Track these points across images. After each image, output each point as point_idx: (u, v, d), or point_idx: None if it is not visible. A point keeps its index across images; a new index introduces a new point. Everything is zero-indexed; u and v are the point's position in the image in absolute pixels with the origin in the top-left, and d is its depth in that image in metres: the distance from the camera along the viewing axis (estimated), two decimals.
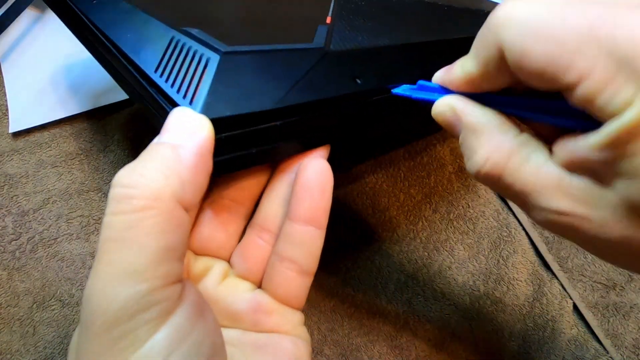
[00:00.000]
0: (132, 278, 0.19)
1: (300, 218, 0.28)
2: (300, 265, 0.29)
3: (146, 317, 0.19)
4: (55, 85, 0.52)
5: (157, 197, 0.20)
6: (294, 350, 0.28)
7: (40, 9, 0.56)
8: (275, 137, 0.27)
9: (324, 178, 0.28)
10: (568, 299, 0.50)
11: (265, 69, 0.28)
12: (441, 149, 0.54)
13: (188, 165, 0.22)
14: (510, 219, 0.52)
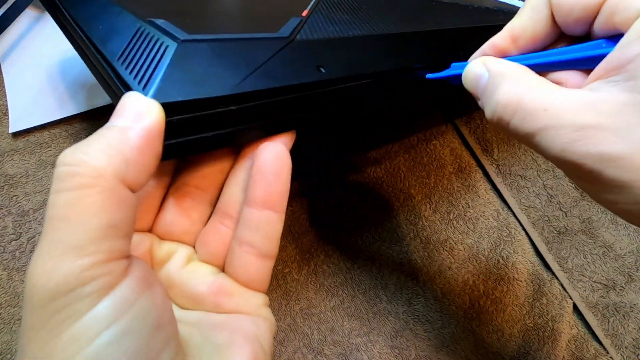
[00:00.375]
0: (73, 253, 0.20)
1: (257, 202, 0.28)
2: (258, 249, 0.29)
3: (86, 291, 0.20)
4: (55, 85, 0.52)
5: (99, 174, 0.20)
6: (253, 329, 0.28)
7: (40, 9, 0.56)
8: (231, 122, 0.27)
9: (280, 161, 0.28)
10: (568, 299, 0.50)
11: (223, 57, 0.28)
12: (441, 149, 0.54)
13: (133, 146, 0.22)
14: (510, 219, 0.52)
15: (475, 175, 0.54)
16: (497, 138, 0.55)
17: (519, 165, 0.54)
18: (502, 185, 0.54)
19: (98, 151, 0.21)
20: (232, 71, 0.27)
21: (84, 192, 0.20)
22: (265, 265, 0.30)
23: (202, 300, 0.29)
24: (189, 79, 0.26)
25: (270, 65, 0.29)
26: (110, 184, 0.21)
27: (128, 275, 0.21)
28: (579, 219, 0.52)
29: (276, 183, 0.28)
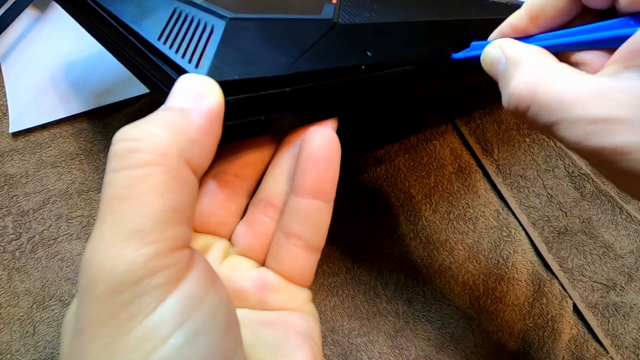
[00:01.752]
0: (138, 239, 0.18)
1: (306, 191, 0.26)
2: (306, 240, 0.28)
3: (153, 283, 0.18)
4: (55, 85, 0.52)
5: (164, 152, 0.19)
6: (304, 325, 0.27)
7: (40, 9, 0.56)
8: (284, 105, 0.26)
9: (331, 148, 0.26)
10: (568, 299, 0.50)
11: (273, 37, 0.27)
12: (441, 149, 0.54)
13: (197, 127, 0.21)
14: (511, 219, 0.52)
15: (475, 175, 0.54)
16: (497, 138, 0.55)
17: (519, 165, 0.54)
18: (502, 185, 0.54)
19: (162, 127, 0.20)
20: (284, 51, 0.26)
21: (148, 171, 0.19)
22: (312, 259, 0.29)
23: (246, 297, 0.27)
24: (242, 58, 0.25)
25: (319, 47, 0.28)
26: (176, 163, 0.19)
27: (193, 268, 0.20)
28: (579, 219, 0.52)
29: (328, 170, 0.26)
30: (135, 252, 0.18)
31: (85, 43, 0.55)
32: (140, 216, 0.18)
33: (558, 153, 0.54)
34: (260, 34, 0.27)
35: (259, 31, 0.27)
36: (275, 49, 0.26)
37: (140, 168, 0.19)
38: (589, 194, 0.52)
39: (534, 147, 0.54)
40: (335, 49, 0.29)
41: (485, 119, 0.56)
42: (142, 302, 0.18)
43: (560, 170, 0.53)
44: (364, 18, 0.33)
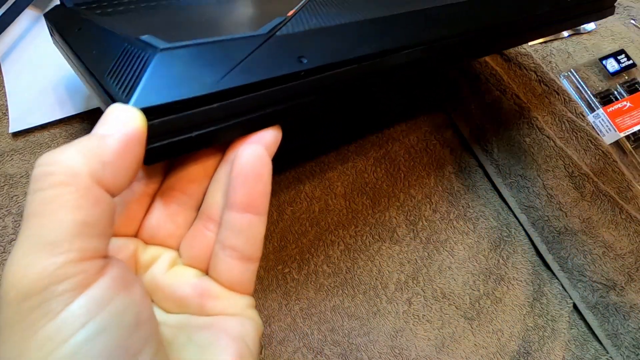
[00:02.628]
0: (48, 250, 0.20)
1: (237, 206, 0.27)
2: (241, 252, 0.28)
3: (60, 289, 0.20)
4: (55, 85, 0.52)
5: (74, 173, 0.21)
6: (239, 329, 0.28)
7: (40, 9, 0.56)
8: (214, 121, 0.27)
9: (260, 163, 0.27)
10: (568, 299, 0.50)
11: (202, 58, 0.28)
12: (441, 149, 0.54)
13: (111, 150, 0.22)
14: (511, 219, 0.52)
15: (476, 175, 0.54)
16: (497, 138, 0.55)
17: (519, 165, 0.54)
18: (502, 185, 0.54)
19: (75, 152, 0.22)
20: (211, 71, 0.27)
21: (59, 190, 0.21)
22: (249, 268, 0.29)
23: (187, 303, 0.28)
24: (169, 83, 0.26)
25: (249, 61, 0.29)
26: (86, 184, 0.21)
27: (104, 274, 0.21)
28: (579, 219, 0.52)
29: (256, 186, 0.27)
30: (44, 261, 0.20)
31: None
32: (50, 230, 0.20)
33: (558, 153, 0.54)
34: (190, 58, 0.28)
35: (189, 56, 0.28)
36: (203, 70, 0.27)
37: (52, 189, 0.21)
38: (589, 194, 0.52)
39: (534, 147, 0.54)
40: (267, 62, 0.29)
41: (485, 119, 0.56)
42: (48, 307, 0.19)
43: (560, 170, 0.53)
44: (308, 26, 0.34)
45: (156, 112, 0.25)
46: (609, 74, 0.60)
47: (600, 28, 0.65)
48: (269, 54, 0.30)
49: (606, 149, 0.55)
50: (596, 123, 0.58)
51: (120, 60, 0.29)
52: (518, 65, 0.58)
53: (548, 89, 0.57)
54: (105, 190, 0.22)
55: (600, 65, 0.61)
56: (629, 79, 0.60)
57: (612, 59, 0.61)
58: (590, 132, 0.55)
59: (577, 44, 0.63)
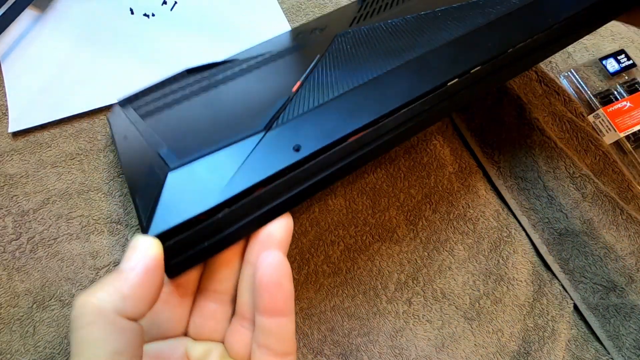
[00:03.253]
0: None
1: (264, 312, 0.29)
2: (275, 350, 0.30)
3: None
4: (55, 85, 0.52)
5: (99, 312, 0.24)
6: None
7: (40, 9, 0.56)
8: (222, 227, 0.29)
9: (279, 271, 0.29)
10: (568, 299, 0.50)
11: (207, 170, 0.30)
12: (441, 149, 0.54)
13: (130, 284, 0.25)
14: (511, 220, 0.52)
15: (476, 175, 0.54)
16: (499, 139, 0.55)
17: (520, 167, 0.54)
18: (503, 187, 0.54)
19: (100, 292, 0.25)
20: (216, 180, 0.29)
21: (89, 329, 0.24)
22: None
23: None
24: (180, 201, 0.28)
25: (249, 162, 0.30)
26: (110, 319, 0.24)
27: None
28: (580, 220, 0.52)
29: (279, 292, 0.29)
30: None
31: (85, 43, 0.55)
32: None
33: (559, 154, 0.53)
34: (197, 173, 0.30)
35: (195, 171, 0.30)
36: (208, 181, 0.30)
37: (84, 328, 0.24)
38: (589, 195, 0.52)
39: (534, 148, 0.54)
40: (265, 159, 0.31)
41: (486, 120, 0.56)
42: None
43: (561, 171, 0.53)
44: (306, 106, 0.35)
45: (171, 233, 0.27)
46: (609, 74, 0.60)
47: (600, 28, 0.65)
48: (267, 150, 0.31)
49: (606, 149, 0.55)
50: (596, 123, 0.58)
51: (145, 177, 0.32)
52: None
53: (548, 89, 0.57)
54: (129, 319, 0.25)
55: (600, 65, 0.61)
56: (629, 79, 0.60)
57: (612, 59, 0.61)
58: (590, 132, 0.55)
59: (577, 44, 0.63)
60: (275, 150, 0.31)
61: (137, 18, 0.58)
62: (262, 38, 0.58)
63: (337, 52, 0.43)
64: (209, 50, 0.58)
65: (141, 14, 0.58)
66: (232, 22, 0.60)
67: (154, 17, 0.58)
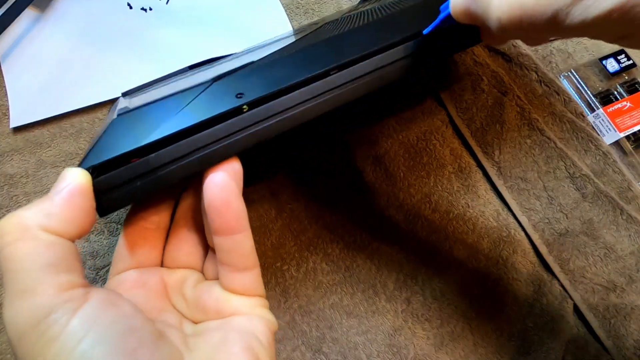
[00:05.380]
0: (25, 295, 0.24)
1: (218, 232, 0.31)
2: (236, 266, 0.32)
3: (54, 318, 0.24)
4: (55, 81, 0.53)
5: (23, 229, 0.25)
6: (248, 324, 0.31)
7: (40, 9, 0.57)
8: (156, 168, 0.30)
9: (226, 191, 0.30)
10: (568, 299, 0.49)
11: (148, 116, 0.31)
12: (441, 149, 0.54)
13: (55, 204, 0.26)
14: (510, 220, 0.52)
15: (475, 175, 0.54)
16: (499, 139, 0.55)
17: (520, 167, 0.54)
18: (503, 187, 0.54)
19: (23, 212, 0.26)
20: (153, 124, 0.30)
21: (16, 245, 0.25)
22: (249, 275, 0.33)
23: (208, 310, 0.33)
24: (114, 143, 0.29)
25: (189, 107, 0.31)
26: (36, 234, 0.25)
27: (89, 299, 0.26)
28: (580, 221, 0.52)
29: (228, 211, 0.30)
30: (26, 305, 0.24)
31: (85, 40, 0.56)
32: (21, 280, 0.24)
33: (559, 154, 0.54)
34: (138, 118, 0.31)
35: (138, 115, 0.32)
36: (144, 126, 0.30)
37: (11, 245, 0.25)
38: (590, 195, 0.52)
39: (535, 148, 0.54)
40: (206, 105, 0.32)
41: (486, 120, 0.56)
42: (51, 332, 0.24)
43: (561, 171, 0.53)
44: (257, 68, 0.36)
45: (102, 169, 0.29)
46: (609, 74, 0.60)
47: None
48: (209, 97, 0.32)
49: (606, 149, 0.54)
50: (596, 123, 0.58)
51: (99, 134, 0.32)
52: (519, 65, 0.58)
53: (548, 89, 0.57)
54: (57, 236, 0.26)
55: (600, 65, 0.61)
56: (629, 79, 0.60)
57: (612, 59, 0.61)
58: (590, 132, 0.55)
59: (577, 44, 0.63)
60: (217, 97, 0.32)
61: (135, 13, 0.59)
62: (262, 33, 0.59)
63: (317, 34, 0.44)
64: (207, 44, 0.58)
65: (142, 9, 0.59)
66: (231, 17, 0.61)
67: (151, 12, 0.59)
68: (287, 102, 0.33)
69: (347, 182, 0.52)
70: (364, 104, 0.55)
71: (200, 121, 0.30)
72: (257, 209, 0.50)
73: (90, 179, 0.28)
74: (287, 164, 0.51)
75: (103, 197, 0.29)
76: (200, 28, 0.59)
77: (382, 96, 0.56)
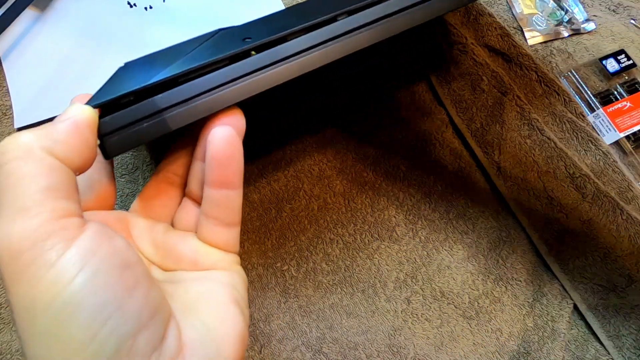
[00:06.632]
0: (21, 215, 0.23)
1: (214, 184, 0.31)
2: (222, 220, 0.32)
3: (49, 244, 0.23)
4: (58, 80, 0.53)
5: (27, 149, 0.25)
6: (229, 279, 0.32)
7: (40, 9, 0.57)
8: (162, 110, 0.29)
9: (231, 145, 0.30)
10: (568, 299, 0.49)
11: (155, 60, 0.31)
12: (441, 149, 0.54)
13: (61, 130, 0.26)
14: (510, 220, 0.52)
15: (475, 175, 0.54)
16: (499, 139, 0.55)
17: (520, 167, 0.54)
18: (502, 187, 0.54)
19: (27, 133, 0.25)
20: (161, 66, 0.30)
21: (18, 163, 0.24)
22: (232, 232, 0.33)
23: (182, 260, 0.32)
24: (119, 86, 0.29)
25: (196, 52, 0.31)
26: (39, 155, 0.25)
27: (85, 230, 0.25)
28: (580, 221, 0.52)
29: (230, 165, 0.30)
30: (21, 224, 0.23)
31: (86, 39, 0.56)
32: (19, 198, 0.24)
33: (559, 155, 0.53)
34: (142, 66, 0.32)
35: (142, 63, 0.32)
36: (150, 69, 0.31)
37: (10, 163, 0.24)
38: (589, 195, 0.52)
39: (535, 148, 0.54)
40: (213, 48, 0.32)
41: (486, 120, 0.56)
42: (44, 258, 0.23)
43: (561, 171, 0.53)
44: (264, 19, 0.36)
45: (105, 108, 0.28)
46: (609, 74, 0.60)
47: (600, 28, 0.65)
48: (217, 42, 0.32)
49: (606, 149, 0.54)
50: (596, 123, 0.58)
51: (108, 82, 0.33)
52: (519, 65, 0.58)
53: (548, 89, 0.57)
54: (60, 162, 0.26)
55: (600, 65, 0.61)
56: (629, 79, 0.60)
57: (612, 59, 0.61)
58: (590, 132, 0.55)
59: (577, 44, 0.63)
60: (225, 42, 0.32)
61: (136, 11, 0.59)
62: None
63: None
64: None
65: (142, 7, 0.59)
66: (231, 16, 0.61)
67: (151, 10, 0.59)
68: (295, 47, 0.32)
69: (346, 182, 0.52)
70: (363, 102, 0.55)
71: (208, 62, 0.30)
72: (257, 209, 0.50)
73: (96, 114, 0.28)
74: (286, 164, 0.51)
75: (109, 139, 0.29)
76: (200, 26, 0.59)
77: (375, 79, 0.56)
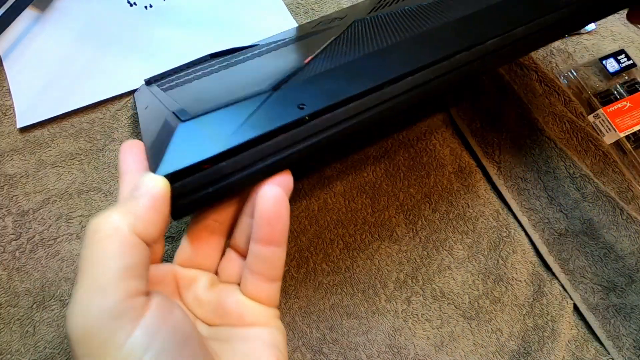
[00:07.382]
0: (99, 294, 0.25)
1: (261, 241, 0.32)
2: (266, 275, 0.33)
3: (119, 324, 0.24)
4: (58, 81, 0.53)
5: (116, 228, 0.26)
6: (271, 338, 0.32)
7: (40, 9, 0.57)
8: (226, 175, 0.30)
9: (279, 206, 0.31)
10: (568, 299, 0.49)
11: (215, 123, 0.32)
12: (441, 149, 0.54)
13: (142, 207, 0.28)
14: (510, 220, 0.52)
15: (475, 175, 0.54)
16: (499, 139, 0.55)
17: (520, 167, 0.54)
18: (503, 187, 0.54)
19: (115, 213, 0.27)
20: (222, 132, 0.31)
21: (105, 243, 0.26)
22: (274, 287, 0.34)
23: (228, 315, 0.33)
24: (187, 150, 0.31)
25: (254, 117, 0.32)
26: (125, 234, 0.26)
27: (149, 307, 0.26)
28: (580, 221, 0.52)
29: (277, 224, 0.31)
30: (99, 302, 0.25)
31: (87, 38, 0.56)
32: (101, 276, 0.25)
33: (559, 155, 0.53)
34: (207, 124, 0.32)
35: (206, 122, 0.33)
36: (215, 132, 0.32)
37: (100, 242, 0.26)
38: (589, 195, 0.52)
39: (535, 148, 0.54)
40: (270, 115, 0.32)
41: (486, 120, 0.56)
42: (115, 340, 0.24)
43: (561, 171, 0.53)
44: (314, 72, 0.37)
45: (177, 176, 0.29)
46: (609, 74, 0.60)
47: (600, 28, 0.65)
48: (272, 107, 0.33)
49: (606, 149, 0.54)
50: (596, 123, 0.58)
51: (159, 133, 0.34)
52: (519, 65, 0.58)
53: (549, 89, 0.57)
54: (140, 239, 0.27)
55: (600, 65, 0.61)
56: (629, 79, 0.60)
57: (612, 59, 0.61)
58: (590, 132, 0.55)
59: (577, 44, 0.63)
60: (280, 107, 0.33)
61: (136, 10, 0.59)
62: (264, 30, 0.59)
63: (351, 34, 0.46)
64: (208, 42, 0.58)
65: (142, 6, 0.59)
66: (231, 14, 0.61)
67: (151, 9, 0.59)
68: (346, 113, 0.33)
69: (347, 182, 0.52)
70: None
71: (268, 131, 0.31)
72: None
73: (169, 185, 0.29)
74: None
75: (178, 202, 0.30)
76: (200, 25, 0.59)
77: None
